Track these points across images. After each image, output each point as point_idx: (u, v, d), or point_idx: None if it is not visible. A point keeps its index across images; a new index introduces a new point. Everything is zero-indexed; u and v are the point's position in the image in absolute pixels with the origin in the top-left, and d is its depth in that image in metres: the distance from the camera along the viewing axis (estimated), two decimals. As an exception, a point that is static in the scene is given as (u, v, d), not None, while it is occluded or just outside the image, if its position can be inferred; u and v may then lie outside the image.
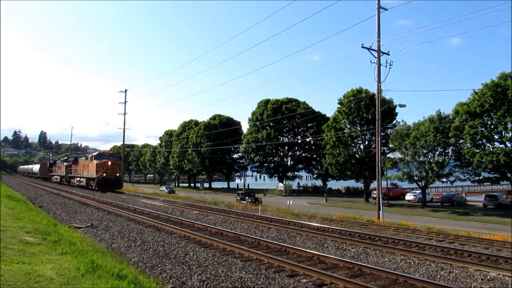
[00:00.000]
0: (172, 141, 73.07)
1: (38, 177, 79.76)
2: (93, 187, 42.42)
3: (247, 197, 36.30)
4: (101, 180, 41.07)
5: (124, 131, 56.01)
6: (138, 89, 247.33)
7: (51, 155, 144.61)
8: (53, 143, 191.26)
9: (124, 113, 55.83)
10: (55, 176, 63.67)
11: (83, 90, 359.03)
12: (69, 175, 53.66)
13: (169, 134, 76.77)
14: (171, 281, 8.54)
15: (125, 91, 55.52)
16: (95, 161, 42.76)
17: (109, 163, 42.14)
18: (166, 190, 53.76)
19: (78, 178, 48.96)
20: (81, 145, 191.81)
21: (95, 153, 47.14)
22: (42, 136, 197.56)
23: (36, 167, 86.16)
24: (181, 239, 13.24)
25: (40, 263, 7.66)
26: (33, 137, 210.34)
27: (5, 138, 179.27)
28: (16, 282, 6.04)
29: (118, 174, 43.28)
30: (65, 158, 61.00)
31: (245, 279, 8.53)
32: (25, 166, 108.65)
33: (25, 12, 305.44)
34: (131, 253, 11.44)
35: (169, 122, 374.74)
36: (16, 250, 8.58)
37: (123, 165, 59.99)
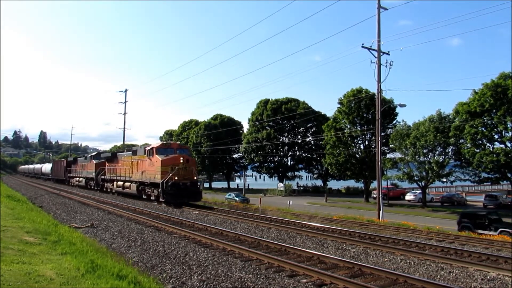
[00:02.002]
0: (172, 141, 73.02)
1: (48, 179, 66.95)
2: (156, 198, 26.96)
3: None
4: (172, 188, 24.91)
5: (124, 131, 55.76)
6: (138, 89, 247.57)
7: (51, 155, 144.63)
8: (53, 143, 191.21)
9: (124, 113, 55.70)
10: (77, 178, 47.93)
11: (83, 90, 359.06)
12: (102, 176, 38.16)
13: (169, 134, 76.75)
14: (171, 281, 8.54)
15: (125, 91, 55.39)
16: (158, 157, 26.27)
17: (181, 159, 26.09)
18: (237, 199, 37.32)
19: (121, 183, 32.85)
20: (81, 145, 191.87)
21: (155, 145, 28.09)
22: (42, 136, 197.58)
23: (45, 167, 72.43)
24: (181, 239, 13.24)
25: (40, 263, 7.66)
26: (33, 137, 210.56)
27: (5, 138, 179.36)
28: (16, 282, 6.04)
29: (195, 178, 26.95)
30: (95, 154, 44.80)
31: (245, 279, 8.52)
32: (30, 166, 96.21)
33: (25, 12, 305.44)
34: (131, 253, 11.44)
35: (169, 122, 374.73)
36: (16, 250, 8.58)
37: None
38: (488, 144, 32.83)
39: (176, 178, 25.06)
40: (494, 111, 31.49)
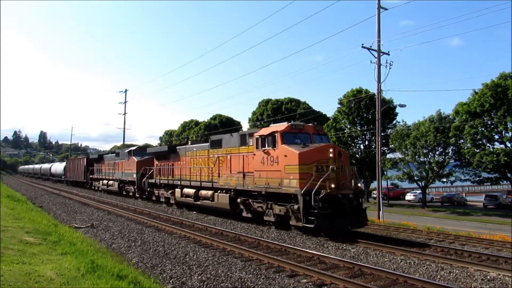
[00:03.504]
0: (172, 141, 73.11)
1: (59, 181, 57.24)
2: (281, 218, 15.06)
3: None
4: (325, 204, 13.16)
5: (124, 131, 55.74)
6: (138, 89, 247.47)
7: (51, 155, 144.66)
8: (53, 143, 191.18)
9: (124, 113, 55.70)
10: (105, 181, 36.30)
11: (83, 90, 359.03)
12: (150, 180, 26.82)
13: (169, 134, 76.79)
14: (171, 281, 8.54)
15: (125, 91, 55.41)
16: (288, 149, 14.52)
17: (331, 152, 14.27)
18: None
19: (190, 190, 21.23)
20: (81, 145, 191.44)
21: (278, 127, 15.54)
22: (42, 136, 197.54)
23: (56, 167, 61.44)
24: (181, 239, 13.24)
25: (40, 263, 7.66)
26: (33, 137, 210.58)
27: (5, 138, 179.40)
28: (16, 282, 6.04)
29: (359, 185, 15.81)
30: (135, 148, 32.41)
31: (245, 279, 8.53)
32: (36, 166, 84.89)
33: (25, 11, 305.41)
34: (131, 253, 11.44)
35: (169, 122, 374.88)
36: (16, 250, 8.58)
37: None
38: (488, 144, 32.87)
39: (332, 186, 13.27)
40: (494, 111, 31.52)
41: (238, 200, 17.34)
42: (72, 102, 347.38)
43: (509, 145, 31.60)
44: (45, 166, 72.82)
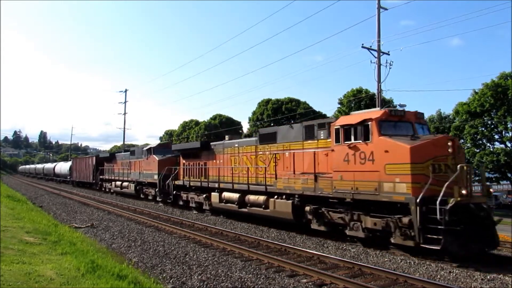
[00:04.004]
0: (172, 141, 73.14)
1: (64, 181, 54.69)
2: (407, 241, 10.45)
3: None
4: (457, 217, 9.60)
5: (124, 131, 55.73)
6: (138, 89, 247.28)
7: (51, 155, 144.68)
8: (53, 143, 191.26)
9: (124, 113, 55.70)
10: (118, 182, 32.80)
11: (83, 90, 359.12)
12: (177, 181, 22.87)
13: (169, 134, 76.80)
14: (171, 281, 8.55)
15: (125, 91, 55.43)
16: (392, 142, 10.77)
17: (451, 146, 10.67)
18: None
19: (233, 195, 17.46)
20: (81, 145, 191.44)
21: (371, 113, 11.85)
22: (42, 136, 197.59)
23: (61, 166, 58.11)
24: (181, 239, 13.25)
25: (40, 263, 7.66)
26: (33, 137, 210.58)
27: (5, 138, 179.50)
28: (16, 282, 6.04)
29: (490, 190, 11.79)
30: (155, 145, 28.46)
31: (245, 279, 8.53)
32: (38, 166, 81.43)
33: (25, 11, 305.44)
34: (131, 253, 11.45)
35: (169, 122, 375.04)
36: (16, 250, 8.58)
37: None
38: (488, 144, 32.88)
39: (463, 192, 9.84)
40: (494, 111, 31.53)
41: (307, 208, 13.46)
42: (72, 102, 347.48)
43: (509, 145, 31.62)
44: (48, 165, 69.34)
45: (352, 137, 11.82)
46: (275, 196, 14.99)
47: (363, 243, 11.99)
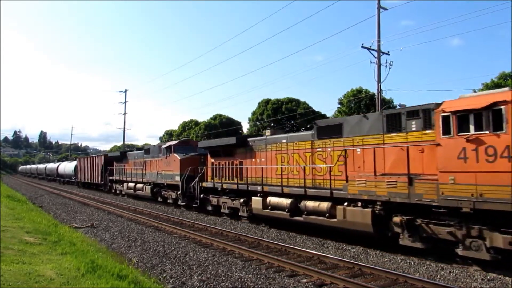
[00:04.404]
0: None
1: (68, 182, 52.31)
2: None
3: None
4: None
5: (124, 131, 55.71)
6: (138, 89, 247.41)
7: (51, 155, 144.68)
8: (53, 143, 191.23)
9: (124, 113, 55.75)
10: (132, 184, 29.32)
11: (83, 90, 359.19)
12: (205, 184, 19.89)
13: (169, 134, 76.80)
14: (171, 281, 8.55)
15: (125, 91, 55.49)
16: None
17: None
18: None
19: (281, 200, 14.68)
20: (81, 145, 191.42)
21: (507, 93, 8.62)
22: (42, 136, 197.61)
23: (64, 166, 55.36)
24: (181, 239, 13.25)
25: (40, 263, 7.67)
26: (33, 137, 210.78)
27: (5, 138, 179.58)
28: (16, 282, 6.05)
29: None
30: (175, 142, 24.82)
31: (245, 279, 8.53)
32: (40, 166, 78.80)
33: (25, 11, 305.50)
34: (131, 253, 11.45)
35: (169, 122, 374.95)
36: (16, 250, 8.59)
37: None
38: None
39: None
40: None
41: (395, 219, 10.56)
42: (72, 102, 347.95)
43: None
44: (51, 165, 66.17)
45: (472, 127, 9.04)
46: (345, 203, 11.99)
47: (483, 267, 9.23)
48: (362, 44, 23.98)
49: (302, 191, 13.76)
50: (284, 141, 15.49)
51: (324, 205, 12.73)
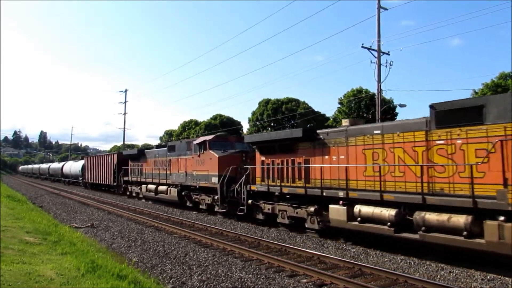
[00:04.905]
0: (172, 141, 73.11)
1: (74, 183, 48.74)
2: None
3: None
4: None
5: (124, 131, 55.68)
6: (138, 89, 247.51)
7: (51, 155, 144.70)
8: (53, 143, 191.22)
9: (124, 113, 55.75)
10: (153, 186, 25.51)
11: (83, 90, 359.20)
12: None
13: (169, 134, 76.79)
14: (171, 281, 8.55)
15: (125, 91, 55.50)
16: None
17: None
18: None
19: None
20: (81, 145, 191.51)
21: None
22: (42, 136, 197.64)
23: (71, 166, 51.05)
24: (181, 239, 13.25)
25: (40, 263, 7.67)
26: (33, 137, 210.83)
27: (5, 138, 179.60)
28: (16, 282, 6.05)
29: None
30: (211, 137, 19.98)
31: (245, 279, 8.53)
32: (42, 166, 74.47)
33: (25, 11, 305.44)
34: (131, 253, 11.45)
35: (169, 122, 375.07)
36: (16, 250, 8.59)
37: None
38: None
39: None
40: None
41: None
42: (72, 102, 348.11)
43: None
44: (55, 165, 62.01)
45: None
46: (500, 217, 8.44)
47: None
48: (362, 44, 23.99)
49: (419, 198, 10.04)
50: (377, 132, 11.77)
51: (461, 219, 9.15)
